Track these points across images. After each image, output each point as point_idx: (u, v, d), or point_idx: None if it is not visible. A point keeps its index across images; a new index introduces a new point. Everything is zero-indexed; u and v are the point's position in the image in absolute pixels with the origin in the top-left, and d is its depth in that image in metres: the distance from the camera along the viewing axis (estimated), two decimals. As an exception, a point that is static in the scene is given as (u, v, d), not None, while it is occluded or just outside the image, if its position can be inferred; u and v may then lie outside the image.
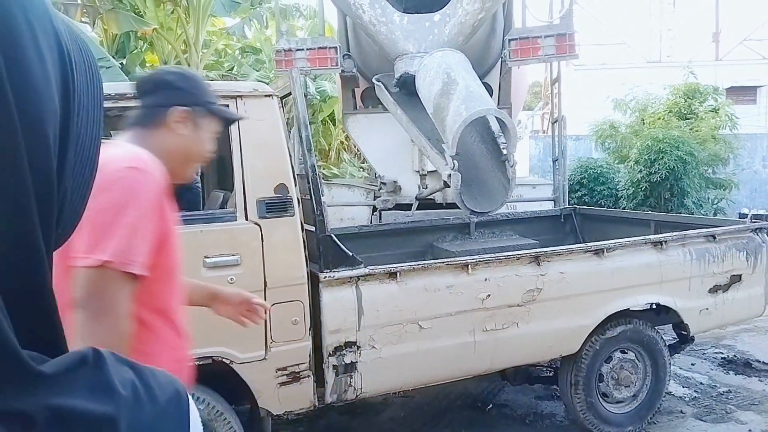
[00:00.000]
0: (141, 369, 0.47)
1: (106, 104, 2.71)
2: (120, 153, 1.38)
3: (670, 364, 4.05)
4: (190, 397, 0.51)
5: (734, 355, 5.29)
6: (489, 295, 3.34)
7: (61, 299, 0.44)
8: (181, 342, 1.58)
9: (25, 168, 0.39)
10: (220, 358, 2.85)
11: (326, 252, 3.10)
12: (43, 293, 0.42)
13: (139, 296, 1.33)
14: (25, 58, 0.39)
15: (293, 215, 2.98)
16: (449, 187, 3.91)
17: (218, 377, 2.92)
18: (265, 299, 2.90)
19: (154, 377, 0.47)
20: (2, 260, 0.38)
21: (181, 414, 0.48)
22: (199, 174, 4.85)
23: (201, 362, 2.80)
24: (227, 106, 2.93)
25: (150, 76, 1.74)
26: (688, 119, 9.66)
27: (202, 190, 4.74)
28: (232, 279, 2.83)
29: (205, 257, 2.79)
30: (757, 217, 5.12)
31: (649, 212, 6.90)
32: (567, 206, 5.70)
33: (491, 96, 5.15)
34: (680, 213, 8.15)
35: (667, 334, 4.29)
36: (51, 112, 0.42)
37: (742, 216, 7.17)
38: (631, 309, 3.83)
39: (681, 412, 4.24)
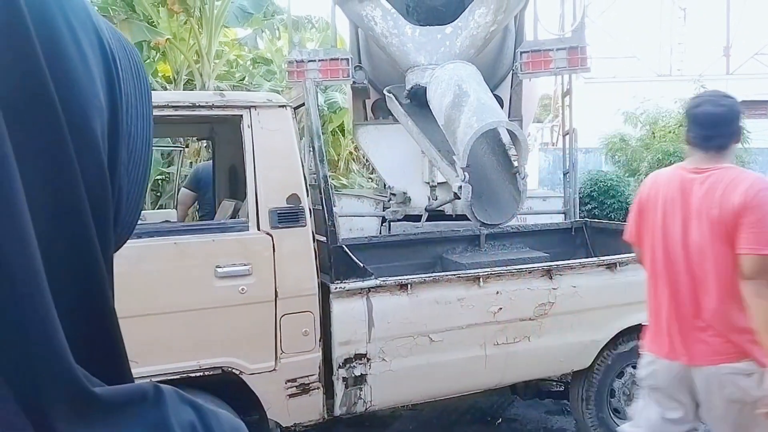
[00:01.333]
0: (205, 411, 0.44)
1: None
2: (750, 176, 2.27)
3: (682, 380, 4.00)
4: None
5: (747, 372, 5.22)
6: (501, 309, 3.32)
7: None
8: None
9: (74, 166, 0.37)
10: (229, 369, 2.84)
11: (337, 263, 3.09)
12: (99, 299, 0.41)
13: None
14: (66, 56, 0.38)
15: (305, 225, 2.98)
16: (459, 198, 3.89)
17: (227, 388, 2.91)
18: (276, 310, 2.91)
19: (217, 420, 0.44)
20: (55, 265, 0.36)
21: None
22: (212, 183, 4.87)
23: (210, 372, 2.81)
24: (241, 116, 2.95)
25: (732, 106, 2.45)
26: (699, 133, 9.62)
27: (214, 200, 4.76)
28: (243, 289, 2.83)
29: (217, 267, 2.79)
30: None
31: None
32: (578, 219, 5.66)
33: (502, 108, 5.15)
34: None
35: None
36: (97, 109, 0.41)
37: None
38: (643, 324, 3.79)
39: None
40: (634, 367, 3.83)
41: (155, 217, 5.23)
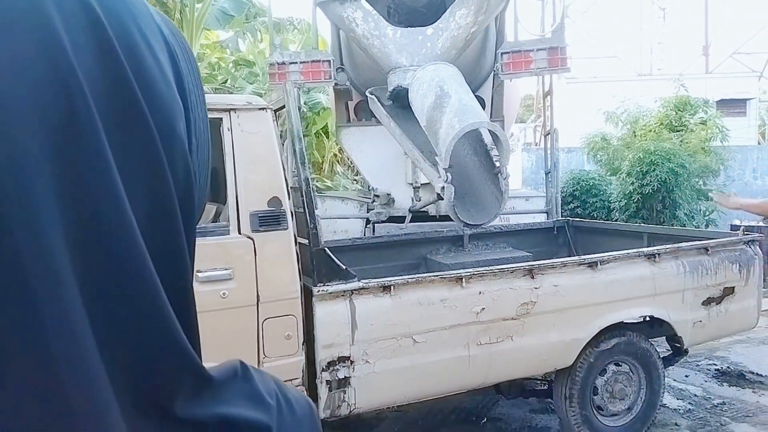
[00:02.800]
0: (279, 382, 0.51)
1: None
2: None
3: (664, 376, 4.05)
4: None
5: (728, 367, 5.29)
6: (483, 309, 3.32)
7: None
8: None
9: (166, 170, 0.40)
10: (212, 374, 2.82)
11: (320, 265, 3.08)
12: (187, 294, 0.43)
13: None
14: (145, 66, 0.40)
15: (287, 228, 2.97)
16: (442, 199, 3.90)
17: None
18: (258, 314, 2.89)
19: (290, 390, 0.51)
20: (155, 264, 0.38)
21: (315, 427, 0.51)
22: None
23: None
24: (220, 119, 2.94)
25: None
26: (678, 131, 9.73)
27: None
28: (224, 293, 2.81)
29: (198, 271, 2.76)
30: (748, 229, 5.14)
31: (642, 224, 6.93)
32: (560, 218, 5.71)
33: (484, 109, 5.18)
34: (672, 224, 8.18)
35: (661, 346, 4.29)
36: (178, 112, 0.43)
37: (734, 228, 7.21)
38: (625, 322, 3.83)
39: (675, 424, 4.23)
40: (617, 365, 3.87)
41: None
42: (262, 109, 3.04)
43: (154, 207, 0.39)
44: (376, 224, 5.64)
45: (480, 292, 3.34)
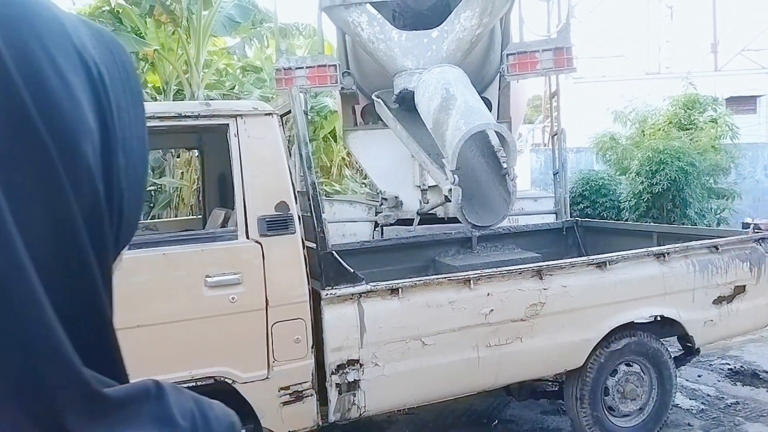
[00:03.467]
0: (200, 400, 0.49)
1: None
2: None
3: (676, 376, 4.02)
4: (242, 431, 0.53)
5: (741, 366, 5.25)
6: (492, 310, 3.32)
7: None
8: None
9: (68, 194, 0.40)
10: (222, 378, 2.83)
11: (328, 269, 3.09)
12: (96, 310, 0.44)
13: None
14: (49, 90, 0.41)
15: (294, 233, 2.98)
16: (450, 201, 3.91)
17: (220, 397, 2.90)
18: (267, 318, 2.91)
19: (212, 409, 0.49)
20: (58, 284, 0.40)
21: None
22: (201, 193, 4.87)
23: (202, 382, 2.80)
24: (227, 125, 2.96)
25: None
26: (687, 130, 9.67)
27: (204, 210, 4.75)
28: (233, 298, 2.83)
29: (207, 277, 2.78)
30: (760, 227, 5.10)
31: (652, 224, 6.89)
32: (569, 219, 5.69)
33: (490, 110, 5.17)
34: (683, 224, 8.13)
35: (673, 345, 4.26)
36: (86, 132, 0.43)
37: (745, 226, 7.15)
38: (635, 322, 3.81)
39: (688, 424, 4.20)
40: (628, 365, 3.85)
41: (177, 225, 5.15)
42: (269, 114, 3.05)
43: (54, 226, 0.40)
44: (384, 227, 5.64)
45: (488, 294, 3.34)
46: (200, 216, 4.99)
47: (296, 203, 3.04)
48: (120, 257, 0.53)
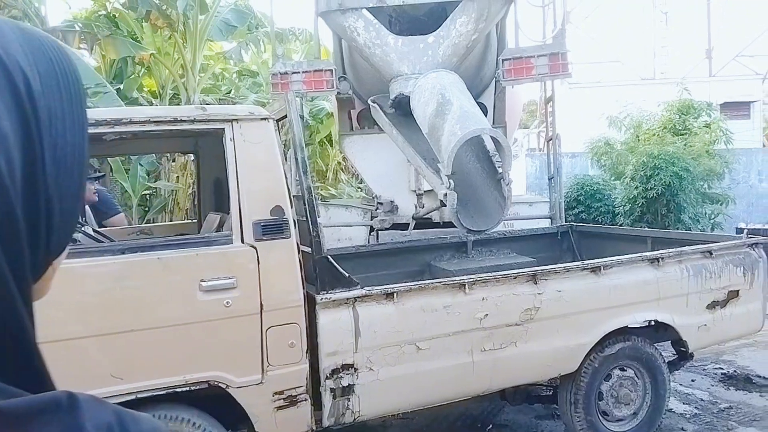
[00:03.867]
0: (123, 414, 0.46)
1: (97, 129, 2.72)
2: None
3: (669, 380, 4.03)
4: None
5: (735, 371, 5.26)
6: (487, 315, 3.33)
7: None
8: None
9: None
10: (216, 383, 2.83)
11: (323, 273, 3.10)
12: (13, 322, 0.43)
13: None
14: None
15: (289, 237, 2.99)
16: (445, 206, 3.92)
17: (214, 402, 2.90)
18: (262, 322, 2.91)
19: (135, 423, 0.47)
20: None
21: None
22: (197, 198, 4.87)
23: (197, 386, 2.80)
24: (223, 130, 2.96)
25: None
26: (682, 135, 9.72)
27: (199, 214, 4.75)
28: (228, 302, 2.83)
29: (201, 281, 2.79)
30: (753, 232, 5.13)
31: (646, 228, 6.92)
32: (564, 224, 5.70)
33: (486, 115, 5.19)
34: (677, 228, 8.16)
35: (666, 350, 4.27)
36: None
37: (739, 231, 7.18)
38: (629, 326, 3.82)
39: (682, 429, 4.21)
40: (622, 370, 3.86)
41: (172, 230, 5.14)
42: (264, 119, 3.06)
43: None
44: (379, 231, 5.65)
45: (483, 299, 3.34)
46: (195, 220, 4.98)
47: (292, 207, 3.04)
48: (54, 267, 0.52)
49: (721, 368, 5.36)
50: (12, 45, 0.46)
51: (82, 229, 3.54)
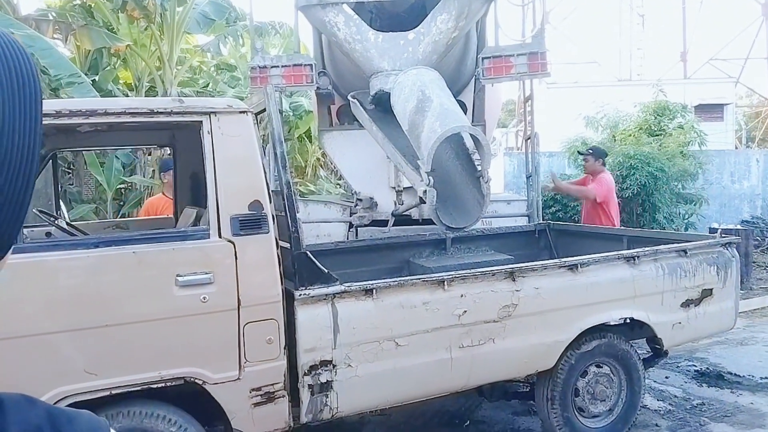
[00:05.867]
0: (57, 415, 0.44)
1: (71, 120, 2.66)
2: None
3: (644, 377, 4.09)
4: None
5: (707, 368, 5.36)
6: (465, 312, 3.33)
7: None
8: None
9: None
10: (192, 379, 2.79)
11: (301, 269, 3.07)
12: None
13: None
14: None
15: (268, 232, 2.95)
16: (425, 203, 3.91)
17: (190, 398, 2.86)
18: (239, 318, 2.87)
19: (71, 423, 0.44)
20: None
21: None
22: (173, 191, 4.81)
23: (173, 383, 2.76)
24: (201, 122, 2.92)
25: None
26: (657, 136, 9.85)
27: (175, 208, 4.69)
28: (205, 298, 2.79)
29: (177, 276, 2.74)
30: (726, 232, 5.22)
31: (622, 227, 6.99)
32: (541, 222, 5.75)
33: (465, 113, 5.20)
34: (652, 228, 8.27)
35: (642, 347, 4.33)
36: None
37: (713, 231, 7.31)
38: (605, 324, 3.86)
39: (656, 425, 4.27)
40: (598, 366, 3.90)
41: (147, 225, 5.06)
42: (243, 112, 3.02)
43: None
44: (359, 228, 5.63)
45: (462, 295, 3.35)
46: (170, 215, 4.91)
47: (270, 202, 3.01)
48: None
49: (695, 365, 5.45)
50: None
51: (56, 222, 3.47)
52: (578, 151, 6.20)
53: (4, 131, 0.44)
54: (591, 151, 6.56)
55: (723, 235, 4.41)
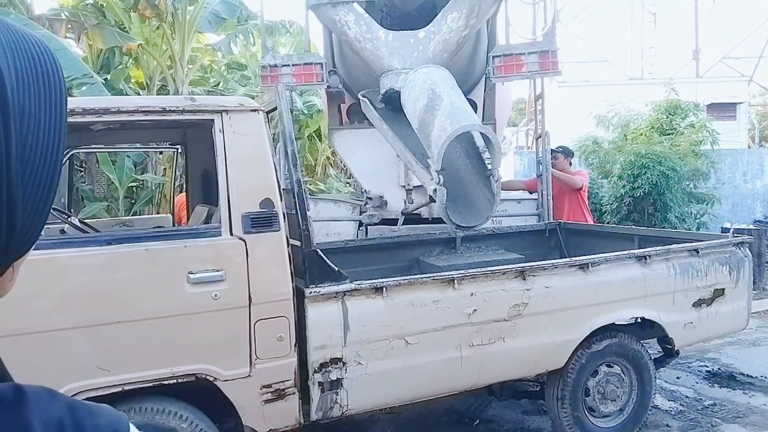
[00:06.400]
0: (77, 408, 0.44)
1: (85, 118, 2.69)
2: None
3: (655, 377, 4.07)
4: None
5: (719, 369, 5.32)
6: (475, 310, 3.33)
7: None
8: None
9: None
10: (203, 375, 2.81)
11: (312, 267, 3.08)
12: None
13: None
14: None
15: (279, 230, 2.97)
16: (435, 201, 3.91)
17: (202, 394, 2.88)
18: (250, 315, 2.89)
19: (92, 416, 0.44)
20: None
21: None
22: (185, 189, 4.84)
23: (184, 379, 2.78)
24: (212, 121, 2.93)
25: None
26: (669, 135, 9.79)
27: (187, 206, 4.72)
28: (216, 295, 2.80)
29: (189, 273, 2.76)
30: (738, 231, 5.18)
31: (633, 227, 6.96)
32: (552, 221, 5.73)
33: (476, 112, 5.19)
34: (664, 227, 8.22)
35: (653, 347, 4.31)
36: None
37: (725, 230, 7.25)
38: (616, 323, 3.85)
39: (667, 425, 4.25)
40: (608, 366, 3.89)
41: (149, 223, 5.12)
42: (254, 110, 3.03)
43: None
44: (368, 227, 5.64)
45: (472, 294, 3.35)
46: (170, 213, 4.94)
47: (281, 200, 3.02)
48: (13, 268, 0.49)
49: (706, 366, 5.42)
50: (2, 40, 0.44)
51: (69, 219, 3.50)
52: (552, 149, 6.34)
53: (30, 127, 0.46)
54: (561, 150, 6.82)
55: (735, 235, 4.38)
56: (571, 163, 6.93)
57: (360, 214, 5.76)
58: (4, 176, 0.43)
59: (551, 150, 6.38)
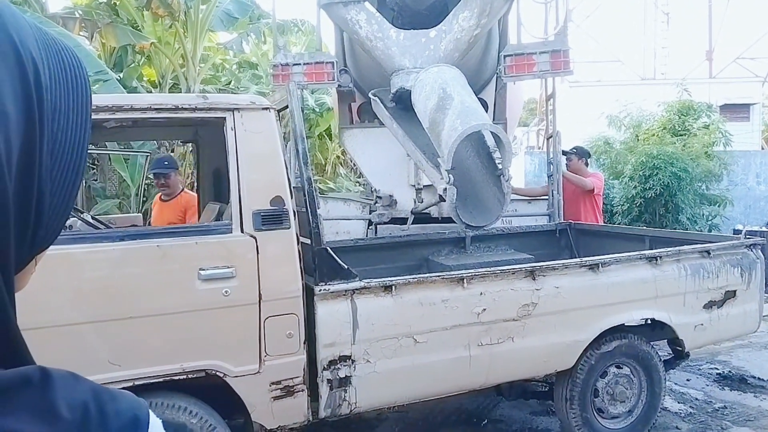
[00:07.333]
0: (100, 392, 0.45)
1: (98, 115, 2.71)
2: None
3: (665, 379, 4.05)
4: (156, 423, 0.49)
5: (729, 371, 5.28)
6: (484, 310, 3.33)
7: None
8: None
9: None
10: (213, 371, 2.83)
11: (321, 265, 3.09)
12: None
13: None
14: None
15: (289, 228, 2.98)
16: (445, 201, 3.91)
17: (211, 390, 2.90)
18: (260, 312, 2.91)
19: (114, 401, 0.46)
20: None
21: None
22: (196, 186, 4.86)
23: (194, 375, 2.80)
24: (224, 119, 2.95)
25: None
26: (681, 136, 9.72)
27: (198, 203, 4.75)
28: (227, 292, 2.82)
29: (200, 269, 2.78)
30: (751, 234, 5.14)
31: (644, 228, 6.92)
32: (562, 221, 5.71)
33: (486, 111, 5.18)
34: (675, 229, 8.17)
35: (663, 349, 4.28)
36: None
37: (737, 232, 7.20)
38: (626, 324, 3.83)
39: (676, 428, 4.22)
40: (618, 367, 3.87)
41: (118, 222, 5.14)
42: (266, 108, 3.05)
43: None
44: (378, 225, 5.65)
45: (481, 293, 3.34)
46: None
47: (292, 198, 3.03)
48: (36, 260, 0.51)
49: (716, 368, 5.38)
50: (29, 39, 0.46)
51: (81, 215, 3.54)
52: (563, 151, 6.22)
53: (60, 124, 0.48)
54: (575, 151, 6.61)
55: (747, 237, 4.34)
56: (587, 164, 6.70)
57: (370, 213, 5.77)
58: (36, 168, 0.45)
59: (564, 152, 6.33)
